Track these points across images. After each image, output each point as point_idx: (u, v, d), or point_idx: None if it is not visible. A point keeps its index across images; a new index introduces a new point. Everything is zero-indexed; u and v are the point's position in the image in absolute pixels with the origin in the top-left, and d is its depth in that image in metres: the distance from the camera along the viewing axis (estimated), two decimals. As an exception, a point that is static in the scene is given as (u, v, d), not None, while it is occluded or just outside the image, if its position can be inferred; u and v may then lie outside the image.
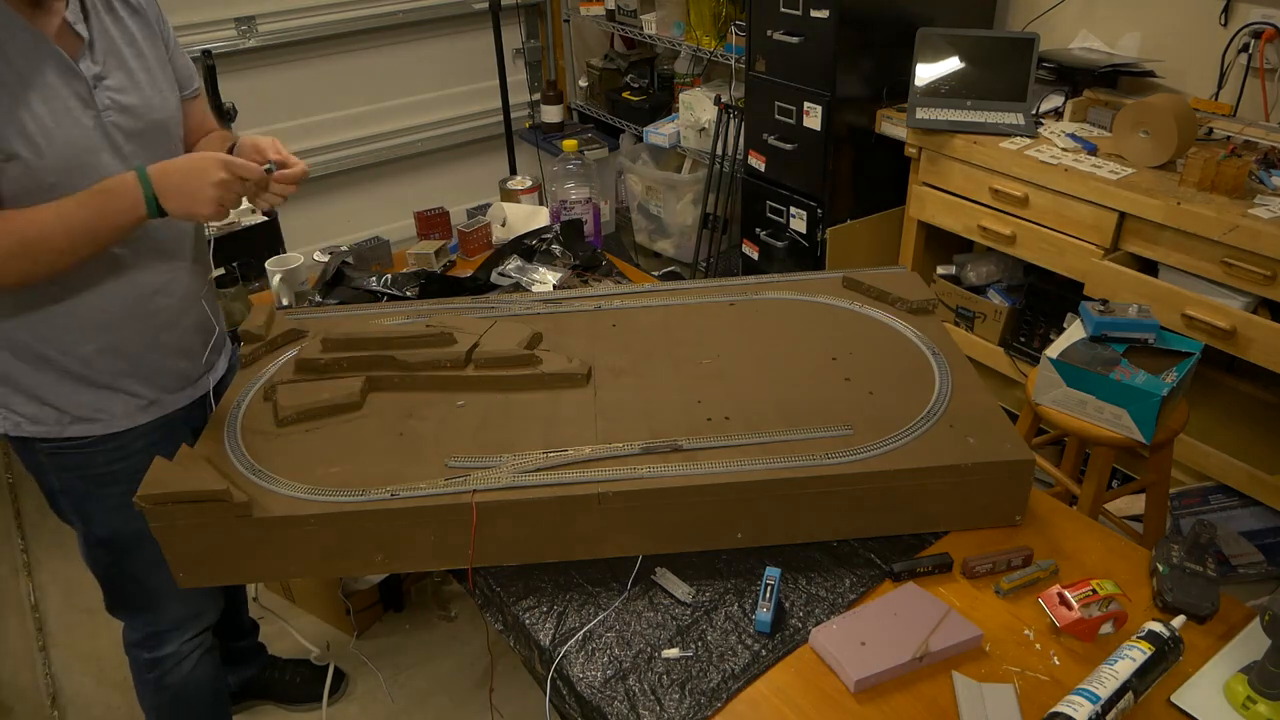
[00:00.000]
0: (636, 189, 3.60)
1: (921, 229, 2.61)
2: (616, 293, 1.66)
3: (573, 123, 4.04)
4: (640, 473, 1.19)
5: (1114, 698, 0.95)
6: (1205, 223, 1.91)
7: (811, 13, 2.52)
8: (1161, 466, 1.85)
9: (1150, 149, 2.11)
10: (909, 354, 1.44)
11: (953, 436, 1.24)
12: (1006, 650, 1.08)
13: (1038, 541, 1.22)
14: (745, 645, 1.09)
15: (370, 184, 3.75)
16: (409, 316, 1.55)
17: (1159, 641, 1.01)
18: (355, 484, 1.20)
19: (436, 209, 2.18)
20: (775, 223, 2.89)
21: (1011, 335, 2.56)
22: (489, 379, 1.39)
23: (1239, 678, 1.01)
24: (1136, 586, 1.16)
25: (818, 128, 2.63)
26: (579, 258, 1.95)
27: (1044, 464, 1.86)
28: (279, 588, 2.39)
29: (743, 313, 1.57)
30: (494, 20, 3.12)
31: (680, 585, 1.17)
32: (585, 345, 1.47)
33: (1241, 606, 1.14)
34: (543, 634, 1.13)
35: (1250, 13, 2.24)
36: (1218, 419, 2.25)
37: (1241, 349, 1.92)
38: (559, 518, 1.18)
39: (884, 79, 2.63)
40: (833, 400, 1.32)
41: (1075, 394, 1.63)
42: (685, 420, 1.29)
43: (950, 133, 2.38)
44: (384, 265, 2.05)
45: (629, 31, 3.58)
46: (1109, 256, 2.11)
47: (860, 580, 1.17)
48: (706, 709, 1.02)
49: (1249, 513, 2.22)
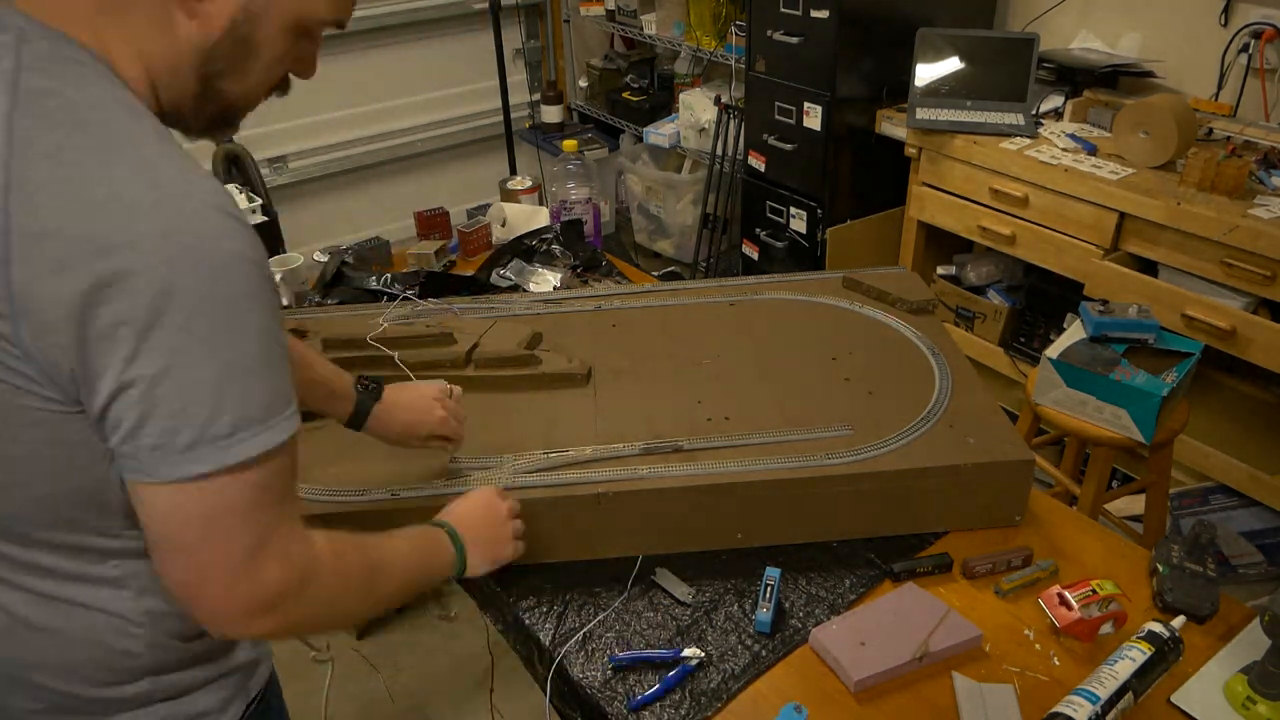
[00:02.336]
0: (636, 189, 3.60)
1: (921, 229, 2.61)
2: (616, 293, 1.66)
3: (573, 123, 4.04)
4: (640, 473, 1.19)
5: (1114, 698, 0.95)
6: (1205, 223, 1.91)
7: (811, 13, 2.51)
8: (1161, 466, 1.85)
9: (1150, 149, 2.11)
10: (909, 354, 1.44)
11: (953, 436, 1.24)
12: (1006, 650, 1.08)
13: (1038, 542, 1.22)
14: (745, 645, 1.09)
15: (370, 184, 3.75)
16: (409, 316, 1.55)
17: (1159, 642, 1.01)
18: (355, 484, 1.20)
19: (436, 209, 2.17)
20: (775, 223, 2.89)
21: (1011, 335, 2.56)
22: (489, 379, 1.39)
23: (1239, 678, 1.01)
24: (1136, 587, 1.16)
25: (818, 128, 2.63)
26: (579, 258, 1.95)
27: (1044, 464, 1.86)
28: (279, 588, 2.39)
29: (743, 313, 1.57)
30: (494, 20, 3.12)
31: (680, 585, 1.17)
32: (585, 345, 1.47)
33: (1241, 606, 1.13)
34: (543, 634, 1.12)
35: (1250, 13, 2.24)
36: (1218, 419, 2.25)
37: (1241, 349, 1.92)
38: (559, 518, 1.18)
39: (884, 79, 2.63)
40: (833, 400, 1.32)
41: (1075, 394, 1.63)
42: (685, 420, 1.29)
43: (950, 133, 2.38)
44: (384, 265, 2.05)
45: (629, 32, 3.58)
46: (1109, 257, 2.11)
47: (860, 580, 1.17)
48: (706, 709, 1.02)
49: (1249, 513, 2.22)
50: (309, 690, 2.14)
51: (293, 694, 1.01)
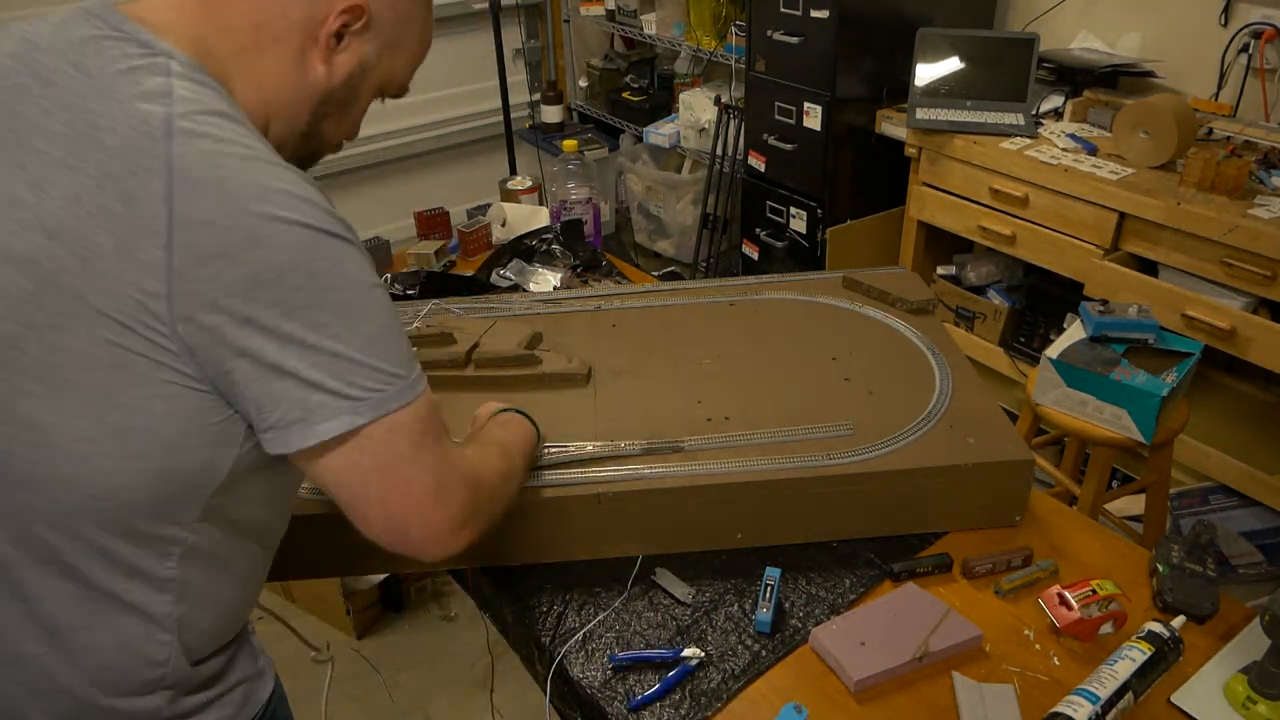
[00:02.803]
0: (636, 189, 3.60)
1: (921, 229, 2.61)
2: (616, 293, 1.66)
3: (573, 123, 4.04)
4: (640, 472, 1.19)
5: (1114, 698, 0.95)
6: (1205, 223, 1.91)
7: (811, 13, 2.52)
8: (1161, 466, 1.85)
9: (1150, 149, 2.11)
10: (909, 354, 1.44)
11: (953, 436, 1.24)
12: (1006, 650, 1.08)
13: (1038, 541, 1.22)
14: (745, 645, 1.09)
15: (370, 184, 3.75)
16: (409, 316, 1.55)
17: (1159, 642, 1.01)
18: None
19: (436, 209, 2.17)
20: (775, 223, 2.89)
21: (1011, 335, 2.56)
22: (489, 379, 1.39)
23: (1239, 678, 1.01)
24: (1136, 586, 1.16)
25: (818, 128, 2.63)
26: (579, 258, 1.95)
27: (1044, 464, 1.86)
28: (279, 588, 2.39)
29: (743, 313, 1.57)
30: (494, 20, 3.12)
31: (680, 585, 1.17)
32: (585, 345, 1.47)
33: (1241, 606, 1.13)
34: (543, 634, 1.12)
35: (1250, 13, 2.24)
36: (1218, 419, 2.25)
37: (1241, 349, 1.92)
38: (559, 518, 1.18)
39: (884, 79, 2.63)
40: (833, 400, 1.32)
41: (1075, 394, 1.63)
42: (685, 420, 1.29)
43: (950, 133, 2.38)
44: (384, 265, 2.05)
45: (629, 32, 3.58)
46: (1109, 257, 2.11)
47: (860, 580, 1.17)
48: (706, 709, 1.02)
49: (1249, 513, 2.22)
50: (309, 690, 2.14)
51: (293, 694, 1.01)
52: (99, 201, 0.70)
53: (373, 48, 0.85)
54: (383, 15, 0.84)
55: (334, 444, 0.75)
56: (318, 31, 0.81)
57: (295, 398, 0.73)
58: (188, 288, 0.70)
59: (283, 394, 0.73)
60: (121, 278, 0.70)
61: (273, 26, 0.79)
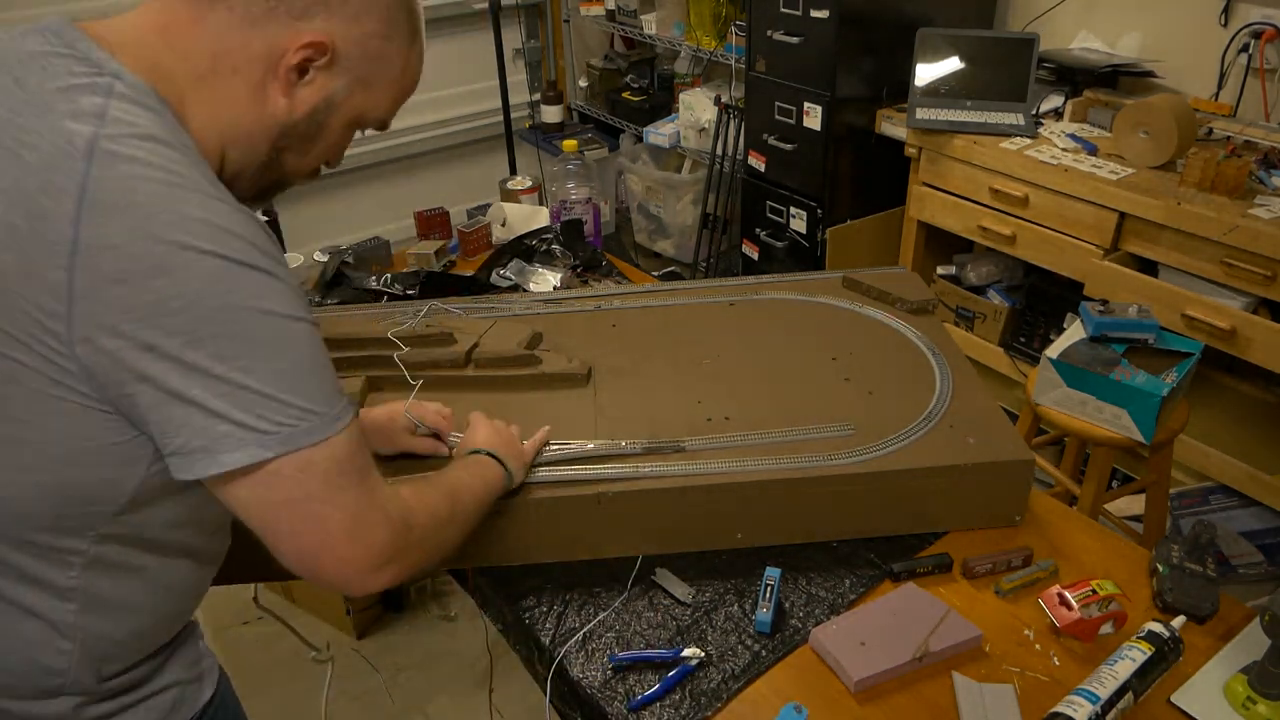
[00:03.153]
0: (636, 189, 3.60)
1: (921, 229, 2.61)
2: (616, 293, 1.66)
3: (573, 123, 4.04)
4: (641, 472, 1.19)
5: (1114, 698, 0.95)
6: (1205, 223, 1.91)
7: (811, 13, 2.52)
8: (1161, 466, 1.85)
9: (1150, 149, 2.11)
10: (909, 354, 1.44)
11: (953, 436, 1.24)
12: (1006, 650, 1.08)
13: (1038, 541, 1.22)
14: (745, 645, 1.09)
15: (370, 184, 3.75)
16: (409, 316, 1.55)
17: (1159, 642, 1.01)
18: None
19: (436, 209, 2.17)
20: (775, 223, 2.89)
21: (1011, 335, 2.56)
22: (489, 379, 1.39)
23: (1239, 678, 1.01)
24: (1136, 587, 1.16)
25: (818, 128, 2.63)
26: (579, 258, 1.95)
27: (1044, 464, 1.86)
28: (279, 588, 2.39)
29: (743, 313, 1.57)
30: (494, 20, 3.12)
31: (680, 585, 1.17)
32: (585, 345, 1.47)
33: (1241, 606, 1.14)
34: (543, 634, 1.12)
35: (1250, 13, 2.24)
36: (1218, 419, 2.25)
37: (1241, 349, 1.92)
38: (559, 518, 1.18)
39: (884, 79, 2.63)
40: (833, 400, 1.32)
41: (1075, 394, 1.63)
42: (685, 420, 1.29)
43: (950, 133, 2.38)
44: (384, 265, 2.05)
45: (629, 31, 3.58)
46: (1109, 256, 2.11)
47: (860, 580, 1.17)
48: (706, 709, 1.02)
49: (1249, 513, 2.22)
50: (309, 690, 2.14)
51: (293, 694, 1.01)
52: (6, 219, 0.70)
53: (341, 83, 0.83)
54: (350, 52, 0.82)
55: (239, 475, 0.74)
56: (278, 65, 0.79)
57: (199, 425, 0.72)
58: (87, 309, 0.69)
59: (185, 420, 0.72)
60: (21, 294, 0.69)
61: (232, 57, 0.78)
